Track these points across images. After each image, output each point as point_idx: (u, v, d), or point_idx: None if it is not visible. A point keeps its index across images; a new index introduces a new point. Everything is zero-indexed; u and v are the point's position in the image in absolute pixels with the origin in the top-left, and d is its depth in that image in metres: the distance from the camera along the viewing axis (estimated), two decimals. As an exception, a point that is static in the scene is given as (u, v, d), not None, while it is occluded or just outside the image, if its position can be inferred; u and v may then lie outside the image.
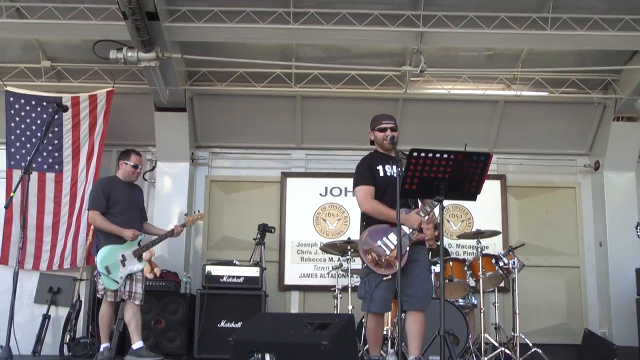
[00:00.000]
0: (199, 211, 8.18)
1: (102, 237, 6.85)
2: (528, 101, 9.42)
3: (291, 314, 8.09)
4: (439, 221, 5.11)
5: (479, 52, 8.87)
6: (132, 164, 7.10)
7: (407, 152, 4.77)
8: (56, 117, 7.57)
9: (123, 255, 6.80)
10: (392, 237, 5.25)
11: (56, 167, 8.60)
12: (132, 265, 6.82)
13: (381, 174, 5.44)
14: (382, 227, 5.34)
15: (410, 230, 5.24)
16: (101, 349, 6.81)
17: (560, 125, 9.69)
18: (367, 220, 5.46)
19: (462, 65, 8.99)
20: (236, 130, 9.77)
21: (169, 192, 9.40)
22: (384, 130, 5.53)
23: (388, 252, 5.23)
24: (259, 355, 4.58)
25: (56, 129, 8.56)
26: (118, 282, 6.71)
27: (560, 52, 8.78)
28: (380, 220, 5.35)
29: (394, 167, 5.23)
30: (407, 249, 5.22)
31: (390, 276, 5.19)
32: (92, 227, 8.14)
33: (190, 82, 9.10)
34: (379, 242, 5.29)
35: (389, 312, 6.82)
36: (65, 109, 7.57)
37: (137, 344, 6.77)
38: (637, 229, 7.37)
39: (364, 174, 5.52)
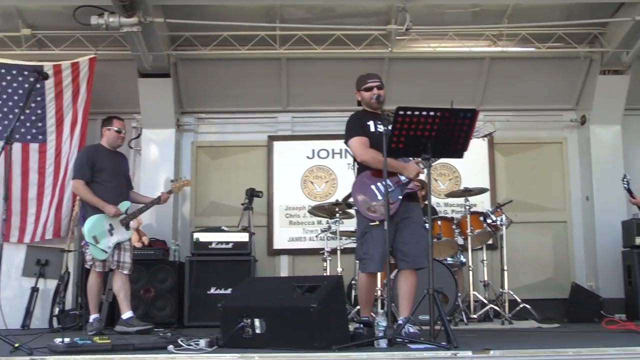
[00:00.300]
0: (184, 177, 8.12)
1: (89, 207, 6.77)
2: (514, 57, 9.36)
3: (280, 278, 8.09)
4: (426, 180, 5.07)
5: (465, 9, 8.77)
6: (115, 129, 7.02)
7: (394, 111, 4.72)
8: (38, 85, 7.46)
9: (110, 225, 6.73)
10: (388, 183, 5.19)
11: (40, 137, 8.48)
12: (119, 235, 6.77)
13: (372, 129, 5.37)
14: (373, 176, 5.29)
15: (406, 179, 5.19)
16: (91, 320, 6.75)
17: (546, 80, 9.67)
18: (364, 169, 5.40)
19: (447, 22, 8.89)
20: (221, 95, 9.69)
21: (155, 160, 9.35)
22: (370, 89, 5.46)
23: (380, 197, 5.19)
24: (249, 321, 4.58)
25: (39, 99, 8.43)
26: (106, 252, 6.64)
27: (546, 7, 8.72)
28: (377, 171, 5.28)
29: (381, 125, 5.16)
30: (400, 197, 5.17)
31: (377, 222, 5.15)
32: (77, 197, 8.10)
33: (173, 47, 8.99)
34: (372, 187, 5.25)
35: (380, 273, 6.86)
36: (46, 77, 7.44)
37: (126, 314, 6.75)
38: (623, 181, 7.40)
39: (355, 127, 5.42)
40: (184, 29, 8.75)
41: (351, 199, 5.57)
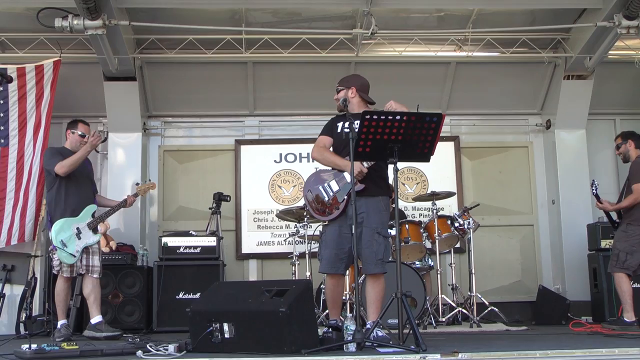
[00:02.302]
0: (149, 180, 8.05)
1: (57, 211, 6.66)
2: (479, 62, 9.44)
3: (248, 282, 8.07)
4: (393, 184, 5.09)
5: (430, 14, 8.82)
6: (79, 132, 6.92)
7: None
8: (1, 88, 7.35)
9: (78, 228, 6.62)
10: (333, 184, 5.29)
11: (1, 141, 8.35)
12: (87, 238, 6.66)
13: (339, 129, 5.42)
14: (326, 174, 5.40)
15: (351, 178, 5.20)
16: (58, 326, 6.65)
17: (511, 85, 9.76)
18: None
19: (413, 26, 8.93)
20: (188, 99, 9.65)
21: (121, 164, 9.25)
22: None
23: (327, 198, 5.25)
24: (217, 325, 4.55)
25: (1, 102, 8.31)
26: (75, 256, 6.54)
27: (510, 12, 8.80)
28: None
29: (346, 124, 5.20)
30: (345, 197, 5.19)
31: (327, 222, 5.25)
32: (43, 201, 8.00)
33: (139, 50, 8.92)
34: (320, 188, 5.34)
35: (348, 277, 6.87)
36: (10, 80, 7.24)
37: (95, 319, 6.66)
38: (592, 187, 7.45)
39: (325, 127, 5.58)
40: (150, 32, 8.68)
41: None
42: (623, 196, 7.19)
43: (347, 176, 5.18)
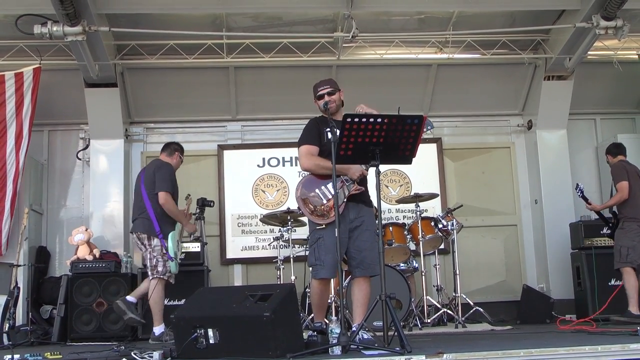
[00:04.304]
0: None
1: (167, 224, 7.06)
2: (460, 64, 9.49)
3: (232, 287, 8.02)
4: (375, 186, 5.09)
5: (410, 16, 8.85)
6: (182, 159, 7.62)
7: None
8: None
9: (177, 240, 7.23)
10: (331, 186, 5.20)
11: (-19, 149, 8.30)
12: (179, 249, 7.34)
13: (329, 136, 5.39)
14: (320, 176, 5.33)
15: (350, 181, 5.21)
16: (160, 331, 6.92)
17: (493, 86, 9.81)
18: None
19: (394, 29, 8.98)
20: (170, 104, 9.63)
21: (104, 171, 9.21)
22: (321, 97, 5.49)
23: (324, 201, 5.21)
24: (202, 331, 4.53)
25: (-20, 111, 8.26)
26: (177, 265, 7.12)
27: (490, 14, 8.85)
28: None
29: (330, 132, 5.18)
30: (345, 200, 5.18)
31: (324, 225, 5.19)
32: (26, 211, 7.95)
33: (119, 56, 8.89)
34: (317, 191, 5.27)
35: (333, 280, 6.86)
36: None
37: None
38: (577, 190, 7.75)
39: (308, 133, 5.46)
40: (130, 37, 8.65)
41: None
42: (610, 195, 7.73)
43: (345, 180, 5.20)
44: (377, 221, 5.30)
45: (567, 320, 7.40)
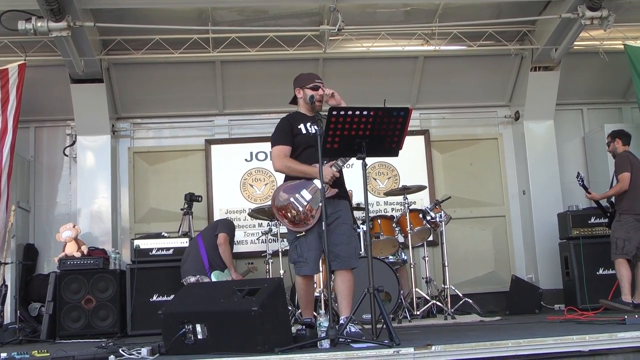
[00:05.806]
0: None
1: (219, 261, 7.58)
2: (447, 56, 9.48)
3: (220, 282, 8.02)
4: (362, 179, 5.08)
5: (396, 8, 8.84)
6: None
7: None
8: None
9: None
10: (305, 193, 5.22)
11: (-34, 146, 8.24)
12: None
13: (303, 131, 5.37)
14: (294, 183, 5.31)
15: (323, 184, 5.18)
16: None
17: (479, 78, 9.82)
18: (285, 179, 5.45)
19: (380, 22, 8.97)
20: (156, 99, 9.58)
21: (91, 167, 9.17)
22: (316, 88, 5.44)
23: (301, 209, 5.20)
24: (190, 327, 4.52)
25: (-34, 108, 8.20)
26: None
27: (476, 6, 8.85)
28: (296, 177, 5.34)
29: (315, 126, 5.15)
30: (320, 204, 5.16)
31: (304, 232, 5.19)
32: (13, 208, 7.91)
33: (105, 51, 8.84)
34: (292, 199, 5.26)
35: (320, 274, 6.86)
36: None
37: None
38: (578, 178, 7.83)
39: (280, 133, 5.43)
40: (116, 32, 8.60)
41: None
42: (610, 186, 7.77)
43: (318, 183, 5.15)
44: (350, 213, 5.32)
45: (559, 311, 7.42)
